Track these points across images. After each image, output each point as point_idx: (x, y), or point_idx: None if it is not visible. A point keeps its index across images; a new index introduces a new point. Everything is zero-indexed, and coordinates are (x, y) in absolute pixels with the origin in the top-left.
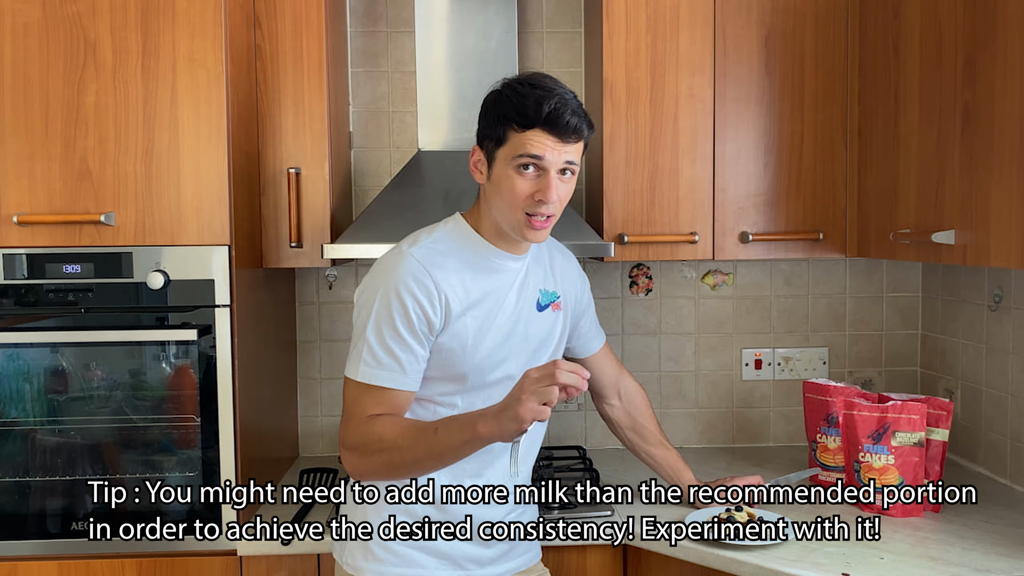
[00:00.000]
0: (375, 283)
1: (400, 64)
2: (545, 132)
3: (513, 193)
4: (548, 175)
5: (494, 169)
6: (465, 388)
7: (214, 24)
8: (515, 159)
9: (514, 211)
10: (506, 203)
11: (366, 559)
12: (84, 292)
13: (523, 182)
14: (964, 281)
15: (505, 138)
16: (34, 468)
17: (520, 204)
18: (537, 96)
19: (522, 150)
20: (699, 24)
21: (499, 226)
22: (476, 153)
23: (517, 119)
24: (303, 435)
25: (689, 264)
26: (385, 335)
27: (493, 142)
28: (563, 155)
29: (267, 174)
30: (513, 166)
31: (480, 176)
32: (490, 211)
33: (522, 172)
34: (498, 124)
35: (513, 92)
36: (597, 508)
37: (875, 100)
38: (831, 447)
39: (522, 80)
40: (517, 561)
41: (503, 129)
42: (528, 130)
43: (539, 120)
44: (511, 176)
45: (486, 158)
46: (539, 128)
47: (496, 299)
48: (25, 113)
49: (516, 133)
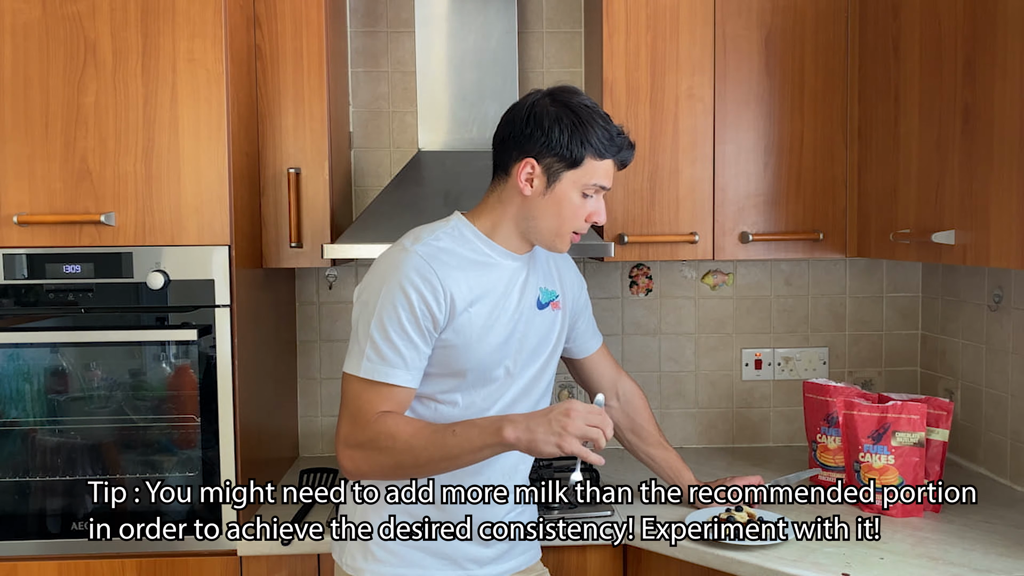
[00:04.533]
0: (377, 280)
1: (400, 64)
2: (614, 164)
3: (576, 215)
4: (600, 199)
5: (557, 188)
6: (465, 384)
7: (214, 24)
8: (587, 185)
9: (565, 228)
10: (563, 220)
11: (366, 559)
12: (84, 292)
13: (585, 206)
14: (964, 281)
15: (581, 162)
16: (34, 468)
17: (576, 225)
18: (615, 130)
19: (596, 179)
20: (699, 24)
21: (522, 234)
22: (531, 168)
23: (601, 150)
24: (303, 435)
25: (689, 264)
26: (389, 331)
27: (564, 163)
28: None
29: (267, 174)
30: (581, 191)
31: (530, 189)
32: (525, 221)
33: (586, 197)
34: (577, 147)
35: (593, 119)
36: (597, 508)
37: (875, 100)
38: (831, 447)
39: (589, 105)
40: (517, 561)
41: (581, 153)
42: (604, 160)
43: (616, 153)
44: (576, 199)
45: (545, 174)
46: (611, 160)
47: (498, 297)
48: (25, 113)
49: (594, 161)
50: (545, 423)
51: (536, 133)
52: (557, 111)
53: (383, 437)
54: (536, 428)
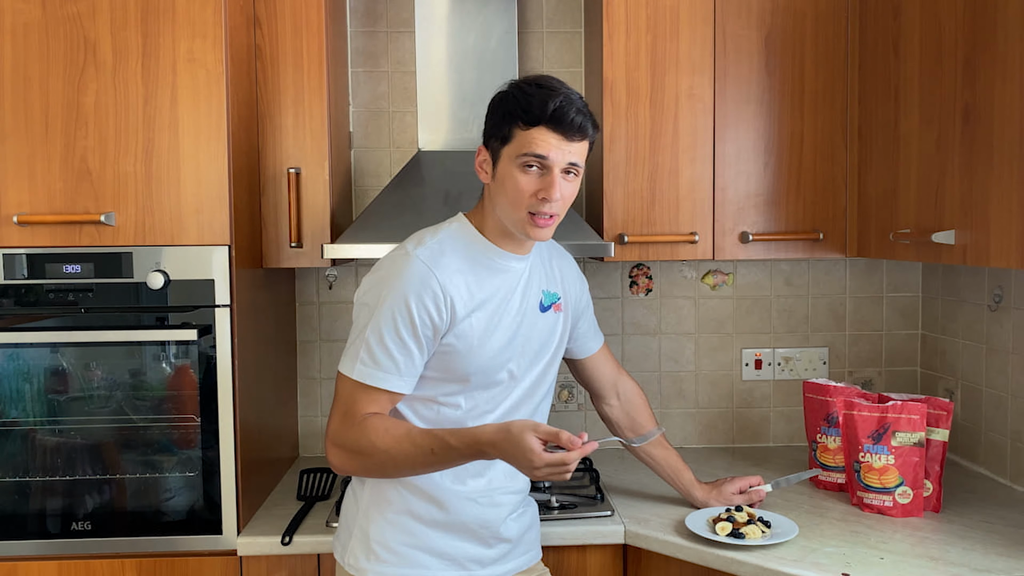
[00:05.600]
0: (379, 284)
1: (400, 64)
2: (550, 130)
3: (517, 191)
4: (552, 174)
5: (499, 167)
6: (469, 388)
7: (214, 24)
8: (520, 157)
9: (518, 209)
10: (510, 201)
11: (368, 559)
12: (84, 292)
13: (527, 180)
14: (964, 281)
15: (511, 136)
16: (34, 468)
17: (524, 202)
18: (543, 95)
19: (527, 148)
20: (699, 24)
21: (503, 226)
22: (482, 153)
23: (523, 116)
24: (303, 435)
25: (689, 264)
26: (385, 336)
27: (498, 141)
28: (567, 155)
29: (267, 174)
30: (518, 164)
31: (485, 176)
32: (495, 210)
33: (526, 170)
34: (504, 122)
35: (519, 91)
36: (597, 508)
37: (875, 100)
38: (831, 447)
39: (528, 80)
40: (518, 561)
41: (508, 127)
42: (533, 128)
43: (544, 118)
44: (515, 174)
45: (491, 157)
46: (544, 126)
47: (501, 300)
48: (25, 113)
49: (521, 131)
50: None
51: (486, 121)
52: (499, 94)
53: (365, 444)
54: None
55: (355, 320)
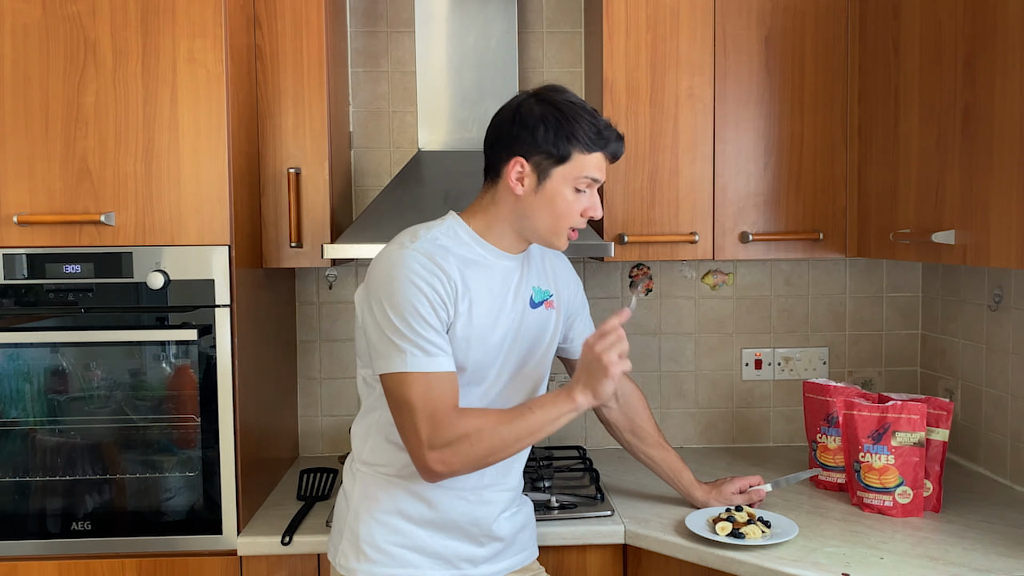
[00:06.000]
0: (382, 280)
1: (400, 64)
2: (604, 157)
3: (570, 210)
4: (595, 193)
5: (548, 185)
6: (462, 382)
7: (214, 24)
8: (578, 179)
9: (561, 224)
10: (557, 217)
11: (358, 559)
12: (84, 292)
13: (579, 200)
14: (964, 281)
15: (569, 157)
16: (34, 468)
17: (572, 220)
18: (602, 123)
19: (587, 172)
20: (699, 24)
21: (517, 233)
22: (520, 166)
23: (587, 143)
24: (303, 435)
25: (689, 264)
26: (414, 324)
27: (552, 159)
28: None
29: (267, 174)
30: (572, 185)
31: (521, 188)
32: (520, 220)
33: (579, 192)
34: (564, 143)
35: (578, 114)
36: (597, 508)
37: (875, 100)
38: (831, 447)
39: (575, 101)
40: (511, 560)
41: (568, 148)
42: (593, 153)
43: (605, 146)
44: (568, 194)
45: (535, 172)
46: (601, 152)
47: (493, 296)
48: (25, 113)
49: (582, 155)
50: (589, 373)
51: (523, 133)
52: (542, 110)
53: (473, 431)
54: (590, 380)
55: (364, 322)
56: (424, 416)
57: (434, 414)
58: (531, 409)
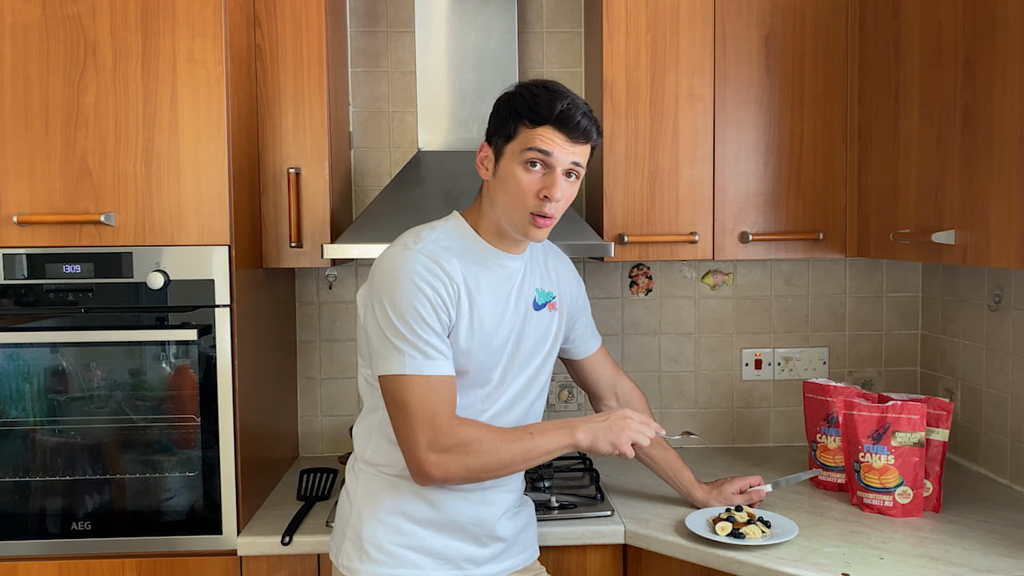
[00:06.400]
0: (384, 281)
1: (400, 64)
2: (555, 130)
3: (519, 188)
4: (554, 173)
5: (501, 164)
6: (463, 385)
7: (214, 24)
8: (523, 153)
9: (518, 208)
10: (511, 199)
11: (361, 560)
12: (84, 292)
13: (530, 178)
14: (964, 281)
15: (515, 133)
16: (34, 468)
17: (526, 201)
18: (550, 96)
19: (531, 144)
20: (699, 24)
21: (500, 225)
22: (484, 150)
23: (529, 115)
24: (303, 435)
25: (689, 264)
26: (415, 326)
27: (503, 138)
28: (570, 155)
29: (267, 174)
30: (521, 161)
31: (486, 172)
32: (492, 208)
33: (529, 168)
34: (509, 120)
35: (527, 92)
36: (597, 508)
37: (875, 100)
38: (831, 447)
39: (536, 83)
40: (513, 560)
41: (514, 125)
42: (539, 127)
43: (550, 118)
44: (518, 171)
45: (494, 154)
46: (550, 126)
47: (498, 297)
48: (25, 113)
49: (527, 129)
50: (605, 428)
51: (490, 120)
52: (505, 94)
53: (472, 441)
54: (599, 430)
55: (366, 322)
56: (422, 419)
57: (433, 418)
58: (531, 434)
